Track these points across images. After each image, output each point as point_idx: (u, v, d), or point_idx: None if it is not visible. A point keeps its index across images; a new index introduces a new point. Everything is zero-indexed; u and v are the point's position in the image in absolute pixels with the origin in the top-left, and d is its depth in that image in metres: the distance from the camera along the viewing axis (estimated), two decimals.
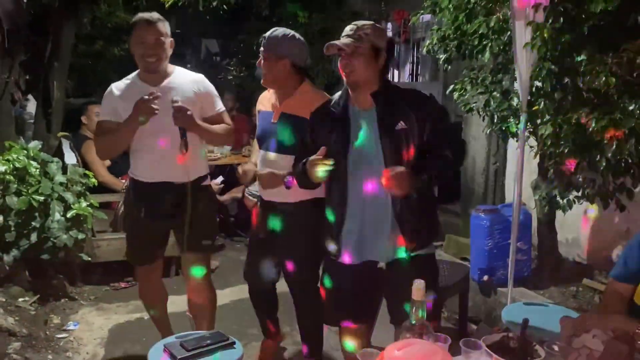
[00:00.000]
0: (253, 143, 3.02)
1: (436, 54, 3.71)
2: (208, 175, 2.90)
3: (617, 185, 2.69)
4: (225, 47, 8.50)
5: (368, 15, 6.43)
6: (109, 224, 4.37)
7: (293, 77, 2.65)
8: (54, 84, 4.72)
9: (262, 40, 2.63)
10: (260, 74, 2.70)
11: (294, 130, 2.57)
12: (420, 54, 6.05)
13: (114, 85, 2.75)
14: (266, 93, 2.82)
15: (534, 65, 2.85)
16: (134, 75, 2.76)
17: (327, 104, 2.31)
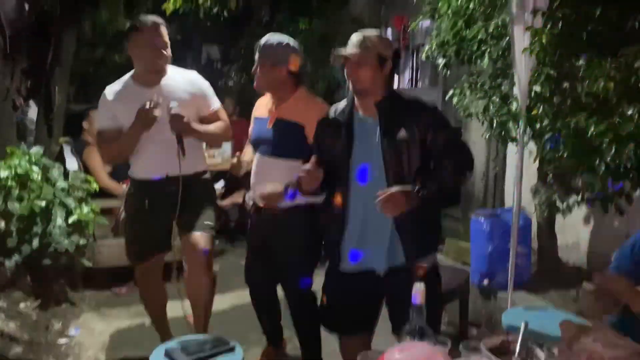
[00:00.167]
0: (247, 142, 3.04)
1: (435, 60, 3.73)
2: (207, 171, 2.95)
3: (617, 189, 2.70)
4: (226, 52, 8.52)
5: (368, 21, 6.46)
6: (110, 229, 4.37)
7: (288, 83, 2.67)
8: (56, 90, 4.75)
9: (257, 47, 2.65)
10: None
11: (288, 135, 2.59)
12: (419, 60, 6.06)
13: (108, 90, 2.77)
14: (263, 99, 2.85)
15: (532, 70, 2.87)
16: (127, 78, 2.78)
17: (333, 111, 2.32)
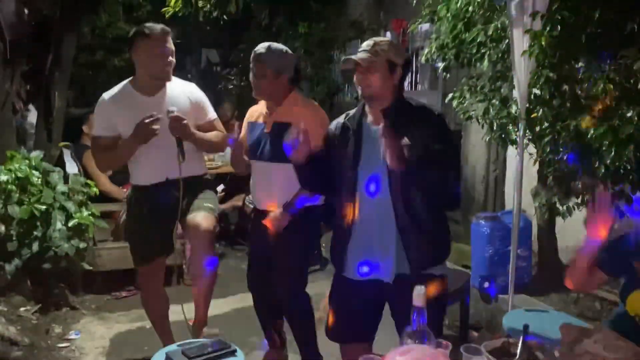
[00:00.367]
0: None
1: (435, 63, 3.73)
2: (207, 174, 3.00)
3: (617, 191, 2.70)
4: (226, 56, 8.54)
5: (367, 24, 6.47)
6: (110, 233, 4.38)
7: (285, 89, 2.72)
8: (55, 94, 4.76)
9: (255, 56, 2.68)
10: None
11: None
12: (419, 63, 6.07)
13: (107, 95, 2.77)
14: (256, 106, 2.88)
15: (532, 72, 2.87)
16: (125, 84, 2.79)
17: (344, 117, 2.31)
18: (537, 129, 3.05)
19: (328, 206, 2.41)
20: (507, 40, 3.10)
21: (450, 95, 3.63)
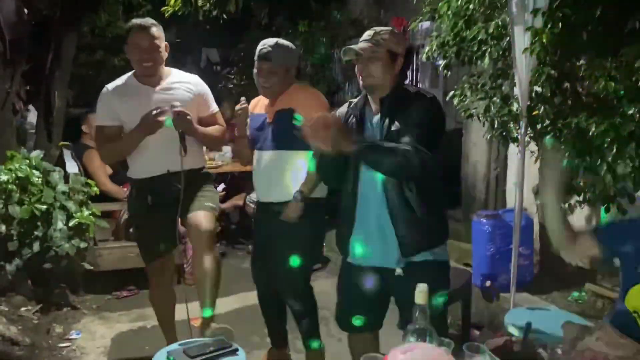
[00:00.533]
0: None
1: (435, 61, 3.72)
2: (205, 168, 2.98)
3: (618, 189, 2.69)
4: (226, 56, 8.53)
5: (367, 22, 6.46)
6: (111, 232, 4.38)
7: (291, 84, 2.74)
8: (55, 94, 4.75)
9: (261, 54, 2.66)
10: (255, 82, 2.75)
11: (289, 123, 2.58)
12: (419, 61, 6.06)
13: (109, 86, 2.78)
14: (256, 99, 2.90)
15: (533, 70, 2.86)
16: (129, 75, 2.80)
17: (348, 106, 2.34)
18: (539, 126, 3.04)
19: (333, 199, 2.41)
20: (508, 38, 3.09)
21: (451, 93, 3.62)
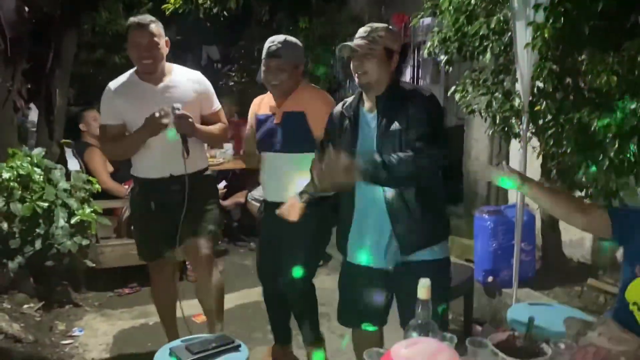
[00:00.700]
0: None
1: (437, 56, 3.71)
2: (208, 167, 2.98)
3: (620, 184, 2.69)
4: (226, 53, 8.52)
5: (368, 19, 6.45)
6: (113, 230, 4.38)
7: (299, 81, 2.72)
8: (56, 92, 4.74)
9: (269, 51, 2.63)
10: (262, 80, 2.73)
11: (297, 126, 2.60)
12: (421, 57, 6.05)
13: (112, 84, 2.78)
14: (261, 97, 2.87)
15: (535, 65, 2.86)
16: (131, 73, 2.79)
17: (342, 105, 2.32)
18: (540, 122, 3.04)
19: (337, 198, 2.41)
20: (509, 33, 3.08)
21: (452, 88, 3.62)
